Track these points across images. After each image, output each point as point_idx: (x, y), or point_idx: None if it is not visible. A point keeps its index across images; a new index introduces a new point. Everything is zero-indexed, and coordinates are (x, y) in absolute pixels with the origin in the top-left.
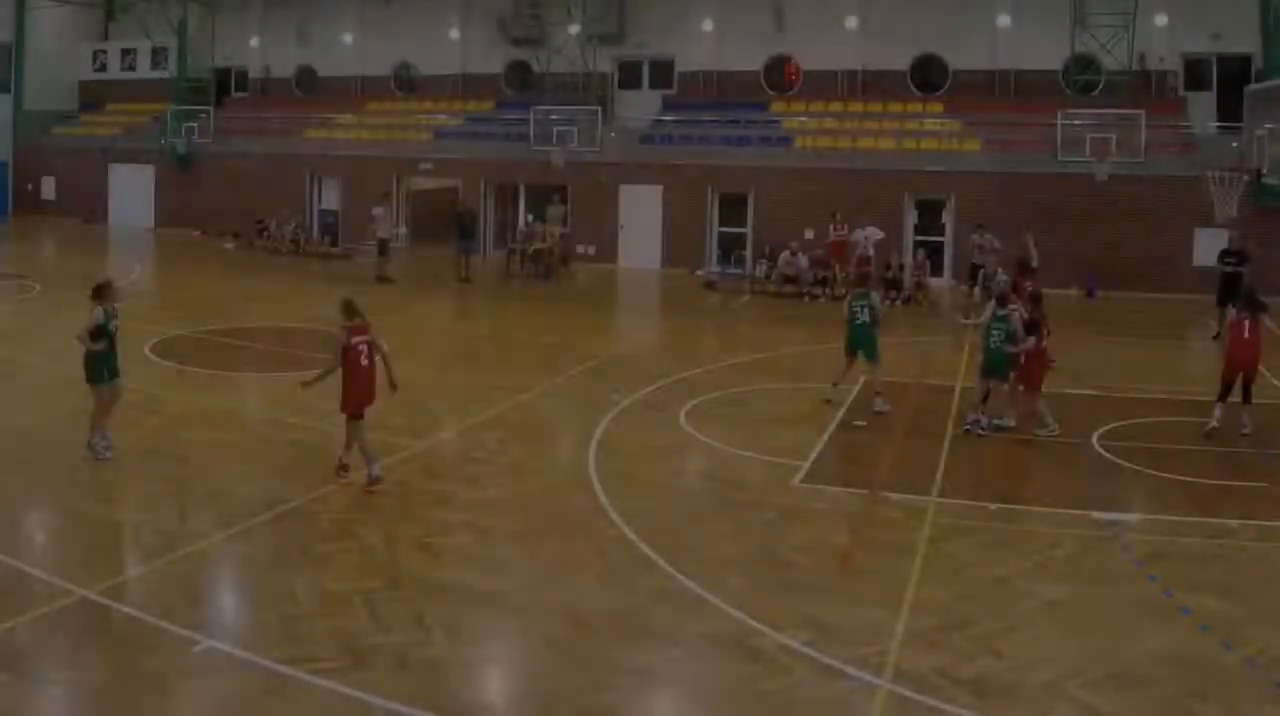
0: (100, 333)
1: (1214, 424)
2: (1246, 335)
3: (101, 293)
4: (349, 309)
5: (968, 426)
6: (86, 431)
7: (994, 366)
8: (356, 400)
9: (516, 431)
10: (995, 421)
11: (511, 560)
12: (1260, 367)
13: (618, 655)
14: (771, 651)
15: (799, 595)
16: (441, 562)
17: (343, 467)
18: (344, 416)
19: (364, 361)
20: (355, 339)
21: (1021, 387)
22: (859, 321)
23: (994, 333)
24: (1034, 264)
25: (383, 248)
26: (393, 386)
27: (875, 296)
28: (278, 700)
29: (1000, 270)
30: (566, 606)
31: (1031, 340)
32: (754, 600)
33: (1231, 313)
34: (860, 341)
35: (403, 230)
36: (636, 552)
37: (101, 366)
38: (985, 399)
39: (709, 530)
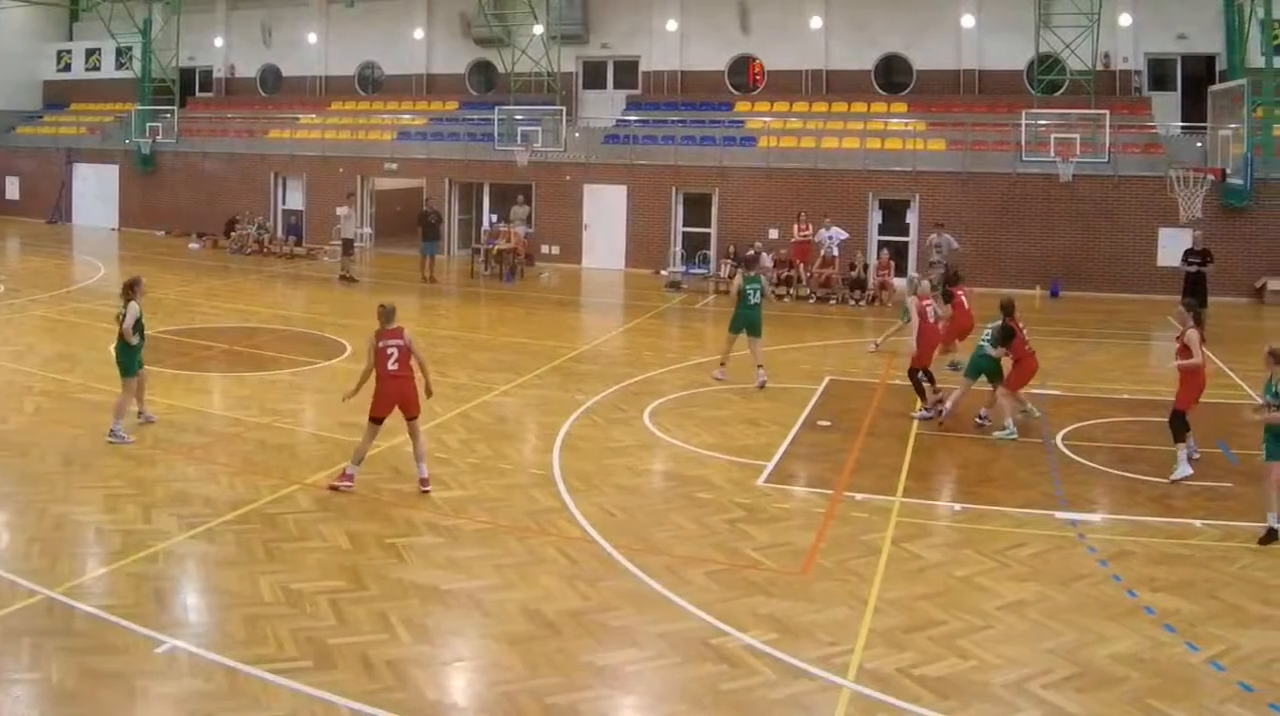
0: (136, 327)
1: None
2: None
3: (133, 289)
4: (383, 313)
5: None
6: (110, 421)
7: (975, 368)
8: (383, 402)
9: (480, 431)
10: (997, 434)
11: (476, 559)
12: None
13: (582, 654)
14: (735, 651)
15: (763, 595)
16: (406, 562)
17: (350, 477)
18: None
19: (391, 366)
20: (384, 342)
21: (1002, 389)
22: (752, 302)
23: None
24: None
25: (347, 247)
26: (427, 392)
27: (764, 279)
28: (242, 700)
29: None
30: (531, 606)
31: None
32: (718, 600)
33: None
34: (751, 321)
35: (368, 230)
36: (600, 552)
37: (135, 358)
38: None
39: (673, 530)
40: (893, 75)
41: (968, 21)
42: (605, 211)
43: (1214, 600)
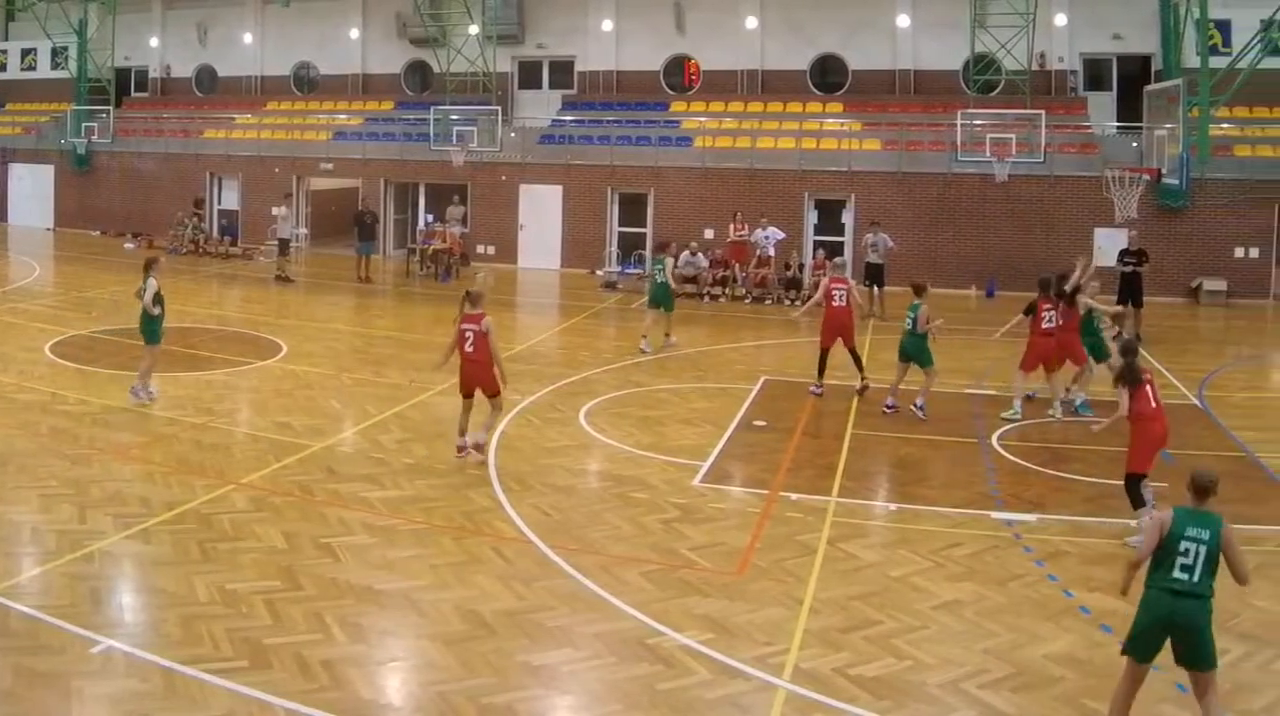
0: (157, 298)
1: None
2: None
3: (152, 266)
4: (470, 298)
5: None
6: (135, 381)
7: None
8: (460, 381)
9: (416, 431)
10: (1004, 414)
11: (411, 560)
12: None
13: (517, 655)
14: (671, 651)
15: (699, 595)
16: (341, 562)
17: (461, 448)
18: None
19: (468, 348)
20: (464, 326)
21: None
22: (660, 280)
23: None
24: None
25: (283, 247)
26: (501, 379)
27: (670, 261)
28: (178, 700)
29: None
30: (466, 606)
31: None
32: (654, 600)
33: (1131, 311)
34: (661, 297)
35: (303, 231)
36: (536, 553)
37: (157, 329)
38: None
39: (608, 530)
40: (828, 75)
41: (903, 22)
42: (541, 211)
43: None
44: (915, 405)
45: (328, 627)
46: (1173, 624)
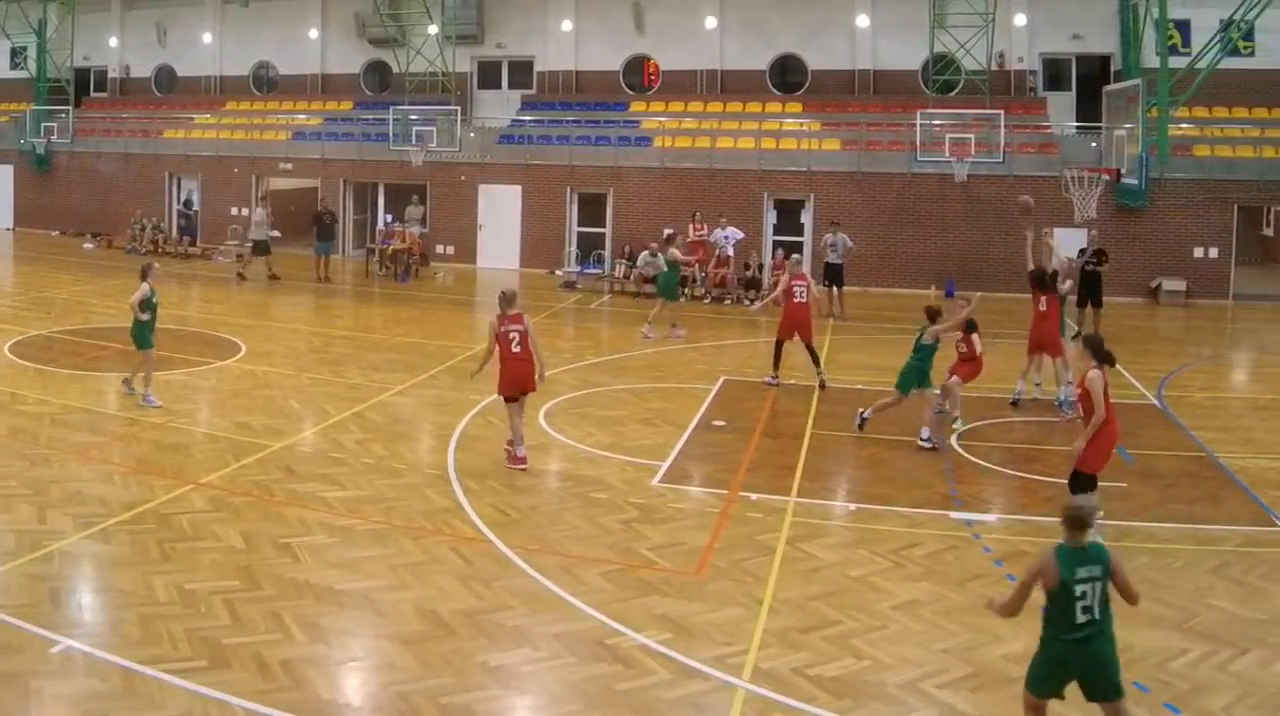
0: (146, 304)
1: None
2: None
3: (146, 272)
4: (505, 299)
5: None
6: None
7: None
8: (508, 383)
9: (375, 431)
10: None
11: (370, 559)
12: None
13: (476, 655)
14: (630, 651)
15: (658, 595)
16: (301, 562)
17: (513, 458)
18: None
19: (515, 348)
20: (506, 327)
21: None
22: (666, 271)
23: None
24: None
25: (261, 248)
26: (540, 376)
27: (674, 252)
28: (137, 700)
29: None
30: (425, 606)
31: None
32: (613, 600)
33: (1091, 313)
34: (666, 288)
35: (276, 234)
36: (495, 552)
37: (148, 333)
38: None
39: (568, 530)
40: (788, 75)
41: (862, 22)
42: (500, 211)
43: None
44: (922, 439)
45: (287, 627)
46: (1085, 668)
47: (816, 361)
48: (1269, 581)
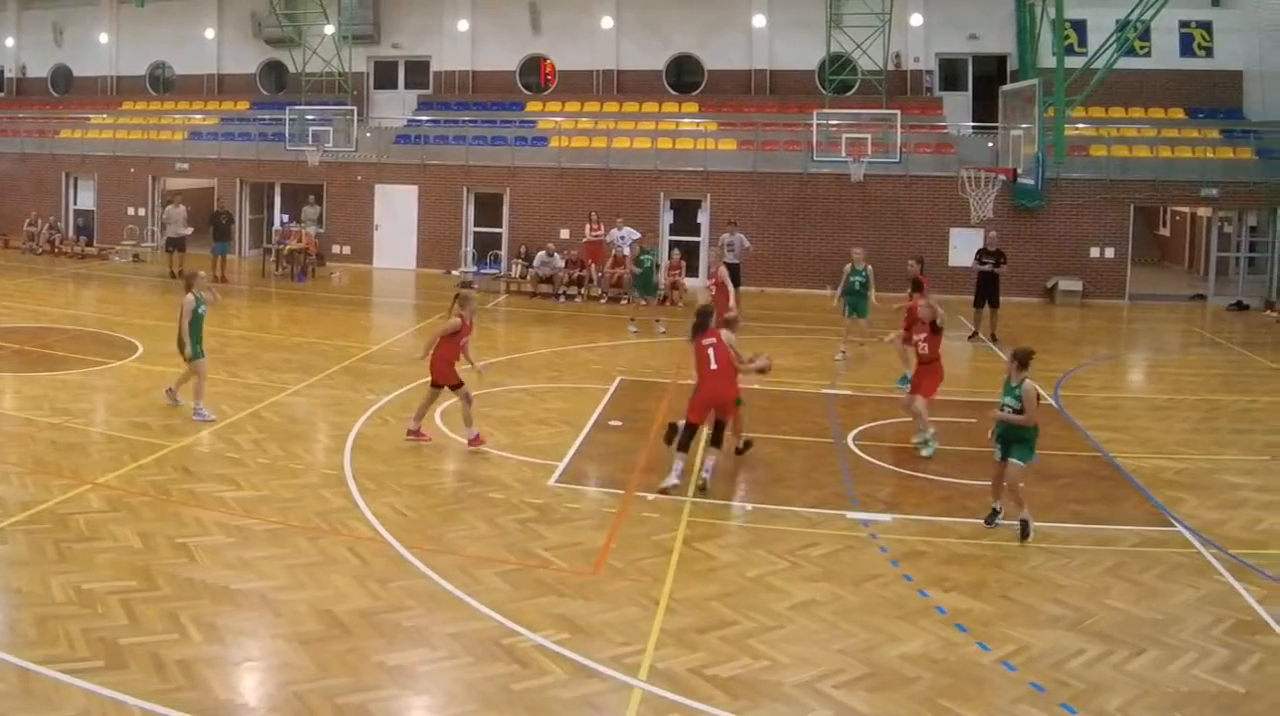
0: (193, 315)
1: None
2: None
3: (191, 282)
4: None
5: None
6: (193, 401)
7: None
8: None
9: (271, 431)
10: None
11: (267, 559)
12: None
13: (373, 655)
14: (527, 651)
15: (554, 595)
16: (197, 562)
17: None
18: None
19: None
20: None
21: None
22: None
23: None
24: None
25: (176, 245)
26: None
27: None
28: (34, 700)
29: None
30: (322, 606)
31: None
32: (510, 600)
33: (988, 312)
34: (642, 285)
35: (189, 231)
36: (391, 552)
37: (197, 343)
38: None
39: (465, 530)
40: (684, 75)
41: (759, 22)
42: (397, 211)
43: (1005, 600)
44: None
45: (184, 627)
46: None
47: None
48: (1165, 581)
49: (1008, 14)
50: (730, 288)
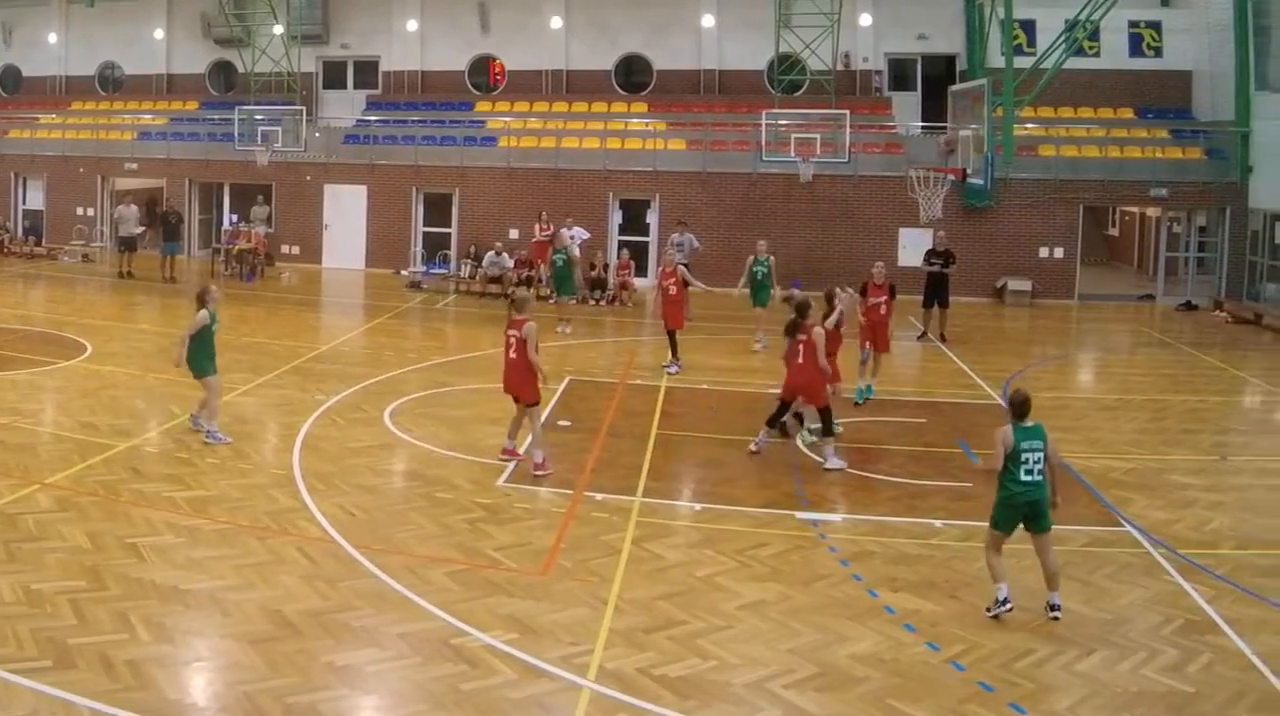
0: (204, 331)
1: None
2: (800, 360)
3: (205, 297)
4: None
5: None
6: (206, 421)
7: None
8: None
9: (222, 431)
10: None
11: (216, 559)
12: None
13: (322, 655)
14: (476, 651)
15: (503, 595)
16: (146, 562)
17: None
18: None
19: (512, 354)
20: (509, 331)
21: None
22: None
23: None
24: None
25: (128, 244)
26: (542, 381)
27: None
28: None
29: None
30: (271, 606)
31: None
32: (459, 600)
33: (936, 312)
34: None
35: (141, 230)
36: (340, 552)
37: (205, 360)
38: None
39: (413, 530)
40: (633, 75)
41: (708, 21)
42: (346, 211)
43: (954, 600)
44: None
45: (133, 627)
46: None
47: (675, 349)
48: (1114, 581)
49: (957, 14)
50: (686, 286)
